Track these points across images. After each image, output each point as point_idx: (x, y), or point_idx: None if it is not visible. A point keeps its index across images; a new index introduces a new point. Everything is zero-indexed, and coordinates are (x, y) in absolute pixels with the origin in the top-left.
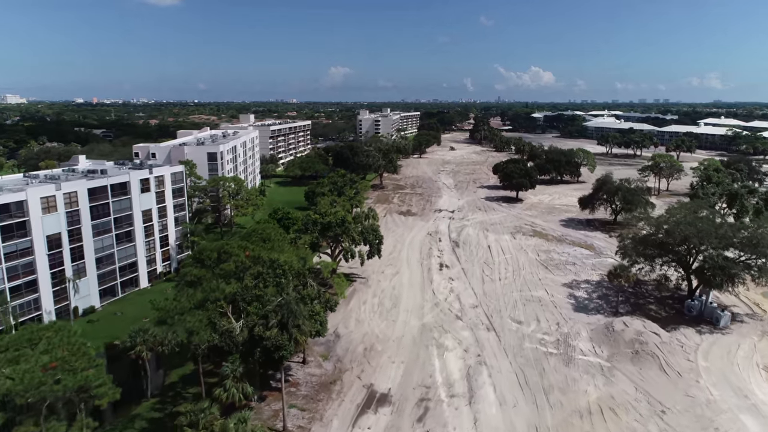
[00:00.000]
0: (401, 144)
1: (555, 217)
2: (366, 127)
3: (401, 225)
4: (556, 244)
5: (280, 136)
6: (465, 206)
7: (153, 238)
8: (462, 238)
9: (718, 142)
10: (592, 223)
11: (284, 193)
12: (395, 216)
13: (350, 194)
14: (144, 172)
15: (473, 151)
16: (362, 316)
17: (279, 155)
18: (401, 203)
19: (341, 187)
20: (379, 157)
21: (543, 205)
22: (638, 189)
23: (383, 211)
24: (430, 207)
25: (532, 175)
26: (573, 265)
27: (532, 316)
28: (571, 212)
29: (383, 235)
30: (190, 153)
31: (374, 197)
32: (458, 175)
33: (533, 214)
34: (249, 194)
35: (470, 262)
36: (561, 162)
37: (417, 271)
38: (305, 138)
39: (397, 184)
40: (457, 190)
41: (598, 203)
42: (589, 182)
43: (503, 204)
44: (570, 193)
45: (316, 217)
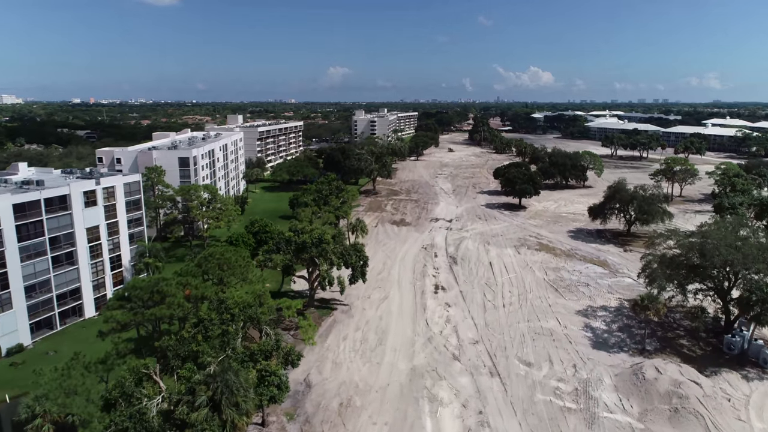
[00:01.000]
0: (396, 146)
1: (562, 227)
2: (361, 128)
3: (393, 237)
4: (565, 260)
5: (269, 138)
6: (464, 214)
7: (101, 260)
8: (460, 252)
9: (727, 143)
10: (604, 235)
11: (270, 200)
12: (387, 226)
13: (335, 204)
14: (89, 182)
15: (472, 153)
16: (341, 357)
17: (268, 158)
18: (395, 211)
19: (326, 196)
20: (372, 160)
21: (548, 213)
22: (655, 197)
23: (375, 221)
24: (426, 215)
25: (537, 181)
26: (586, 286)
27: (543, 356)
28: (580, 221)
29: (373, 248)
30: (160, 158)
31: (366, 204)
32: (457, 179)
33: (538, 224)
34: (224, 204)
35: (470, 283)
36: (566, 166)
37: (409, 296)
38: (297, 139)
39: (392, 189)
40: (456, 196)
41: (610, 213)
42: (596, 187)
43: (505, 212)
44: (577, 199)
45: (290, 235)
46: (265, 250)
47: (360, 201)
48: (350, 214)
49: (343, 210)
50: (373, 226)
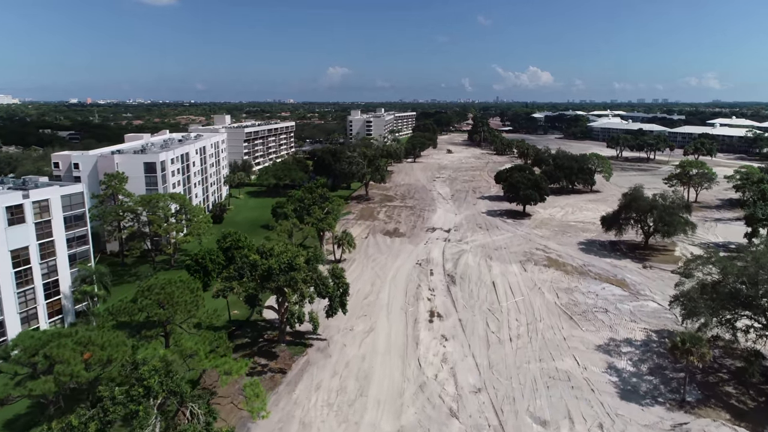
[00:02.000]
0: (392, 148)
1: (571, 238)
2: (357, 129)
3: (385, 250)
4: (578, 279)
5: (257, 139)
6: (463, 223)
7: (32, 287)
8: (459, 269)
9: (737, 144)
10: (618, 248)
11: (253, 207)
12: (379, 238)
13: (318, 215)
14: (13, 196)
15: (472, 155)
16: (311, 416)
17: (256, 160)
18: (388, 219)
19: (309, 205)
20: (364, 164)
21: (555, 221)
22: (677, 206)
23: (365, 231)
24: (421, 224)
25: (542, 187)
26: (605, 312)
27: (560, 410)
28: (590, 231)
29: (361, 265)
30: (123, 163)
31: (357, 211)
32: (455, 183)
33: (545, 235)
34: (195, 215)
35: (470, 309)
36: (573, 169)
37: (399, 326)
38: (288, 141)
39: (386, 194)
40: (454, 202)
41: (626, 223)
42: (605, 192)
43: (508, 220)
44: (585, 205)
45: (255, 259)
46: (225, 276)
47: (351, 207)
48: (335, 226)
49: (327, 222)
50: (363, 238)
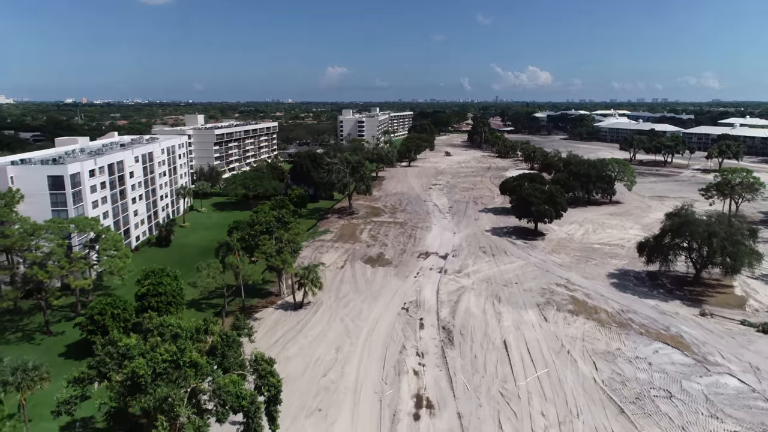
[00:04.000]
0: (383, 151)
1: (598, 267)
2: (348, 130)
3: (363, 288)
4: (618, 335)
5: (231, 142)
6: (463, 246)
7: None
8: (459, 318)
9: (759, 145)
10: (660, 282)
11: (215, 224)
12: (359, 267)
13: (268, 249)
14: None
15: (472, 158)
16: None
17: (231, 165)
18: (372, 241)
19: (261, 232)
20: (346, 172)
21: (574, 243)
22: (739, 230)
23: (343, 257)
24: (412, 247)
25: (559, 201)
26: (668, 398)
27: None
28: (619, 257)
29: (329, 314)
30: (21, 177)
31: (337, 230)
32: (454, 192)
33: (564, 262)
34: (105, 247)
35: (474, 393)
36: (590, 177)
37: (368, 427)
38: (270, 143)
39: (373, 206)
40: (453, 217)
41: (673, 253)
42: (626, 203)
43: (517, 241)
44: (607, 221)
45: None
46: (75, 378)
47: (330, 224)
48: (292, 264)
49: (281, 259)
50: (339, 267)
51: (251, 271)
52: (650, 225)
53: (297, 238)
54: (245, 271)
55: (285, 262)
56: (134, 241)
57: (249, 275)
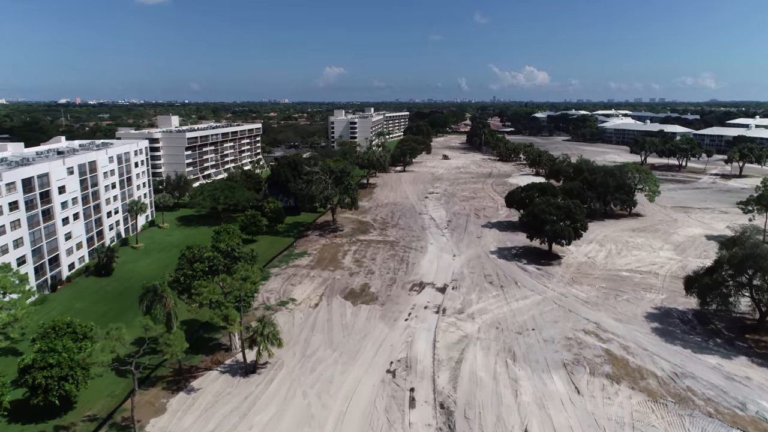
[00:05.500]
0: (374, 156)
1: (631, 305)
2: (339, 131)
3: (339, 341)
4: (679, 417)
5: (206, 146)
6: (465, 274)
7: None
8: (462, 391)
9: None
10: (713, 327)
11: (177, 242)
12: (336, 306)
13: (204, 298)
14: None
15: (472, 161)
16: None
17: (206, 172)
18: (356, 267)
19: (205, 271)
20: (329, 183)
21: (597, 269)
22: None
23: (319, 290)
24: (404, 275)
25: (578, 218)
26: None
27: None
28: (655, 289)
29: (287, 387)
30: None
31: (316, 252)
32: (453, 202)
33: (590, 297)
34: None
35: None
36: (608, 186)
37: None
38: (252, 146)
39: (361, 220)
40: (452, 233)
41: (734, 292)
42: (649, 216)
43: (529, 266)
44: (631, 238)
45: None
46: None
47: (309, 244)
48: (236, 320)
49: (220, 314)
50: (312, 306)
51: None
52: (682, 245)
53: (247, 284)
54: (181, 321)
55: (227, 319)
56: (66, 270)
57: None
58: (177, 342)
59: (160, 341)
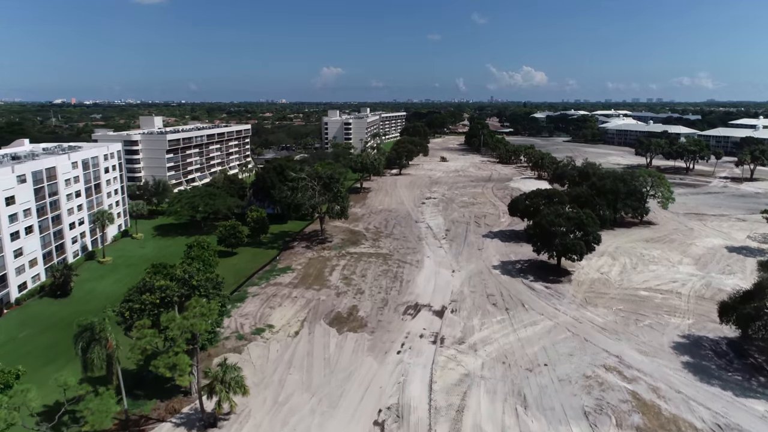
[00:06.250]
0: (367, 159)
1: (655, 332)
2: (334, 132)
3: (318, 382)
4: None
5: (189, 148)
6: (465, 294)
7: None
8: None
9: None
10: (751, 359)
11: (149, 256)
12: (319, 334)
13: (148, 343)
14: None
15: (471, 163)
16: None
17: (190, 176)
18: (344, 285)
19: (156, 304)
20: (316, 191)
21: (612, 287)
22: None
23: (301, 315)
24: (397, 295)
25: (591, 230)
26: None
27: None
28: (679, 311)
29: None
30: None
31: (301, 267)
32: (451, 208)
33: (607, 323)
34: None
35: None
36: (618, 192)
37: None
38: (241, 148)
39: (352, 230)
40: (450, 245)
41: None
42: (662, 224)
43: (536, 284)
44: (645, 250)
45: None
46: None
47: (294, 257)
48: (186, 371)
49: (166, 361)
50: (291, 335)
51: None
52: (703, 258)
53: (201, 323)
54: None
55: (174, 369)
56: (15, 291)
57: None
58: (103, 408)
59: (80, 407)
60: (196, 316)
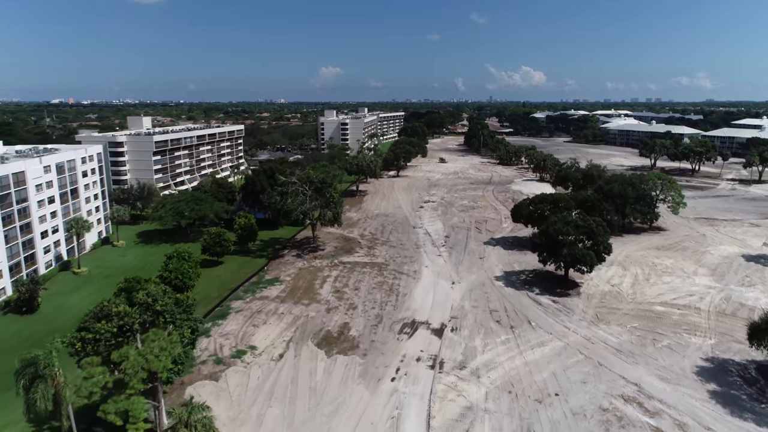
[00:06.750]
0: (363, 161)
1: (676, 354)
2: (330, 133)
3: (301, 417)
4: None
5: (178, 150)
6: (466, 309)
7: None
8: None
9: None
10: None
11: (129, 266)
12: (305, 357)
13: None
14: None
15: (471, 165)
16: None
17: (179, 179)
18: (336, 300)
19: (113, 334)
20: (307, 196)
21: (624, 301)
22: None
23: (288, 334)
24: (393, 311)
25: (602, 239)
26: None
27: None
28: (699, 329)
29: None
30: None
31: (290, 278)
32: (451, 213)
33: (622, 343)
34: None
35: None
36: (626, 196)
37: None
38: (234, 150)
39: (346, 236)
40: (450, 253)
41: None
42: (672, 230)
43: (543, 298)
44: (657, 259)
45: None
46: None
47: (283, 267)
48: (140, 421)
49: (113, 406)
50: (275, 358)
51: None
52: (719, 268)
53: (164, 357)
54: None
55: (126, 417)
56: None
57: None
58: None
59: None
60: (154, 352)
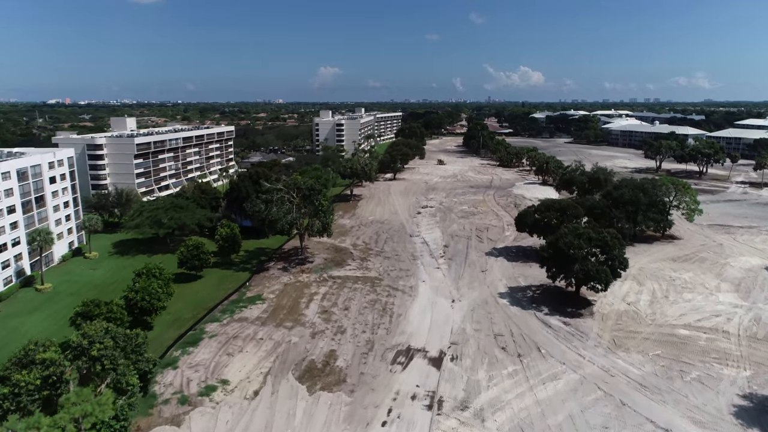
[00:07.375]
0: (357, 164)
1: (708, 390)
2: (325, 134)
3: None
4: None
5: (162, 152)
6: (468, 333)
7: None
8: None
9: None
10: None
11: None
12: (283, 394)
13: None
14: None
15: (470, 167)
16: None
17: (163, 183)
18: (323, 322)
19: (38, 387)
20: (293, 204)
21: (644, 322)
22: None
23: (265, 366)
24: (386, 335)
25: (617, 255)
26: None
27: None
28: (730, 357)
29: None
30: None
31: (274, 296)
32: (450, 219)
33: (645, 376)
34: None
35: None
36: (638, 203)
37: None
38: (224, 152)
39: (337, 246)
40: (449, 265)
41: None
42: (687, 239)
43: (552, 319)
44: (674, 273)
45: None
46: None
47: (268, 282)
48: None
49: None
50: (248, 396)
51: None
52: (744, 282)
53: (106, 408)
54: None
55: None
56: None
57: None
58: None
59: None
60: (73, 421)
